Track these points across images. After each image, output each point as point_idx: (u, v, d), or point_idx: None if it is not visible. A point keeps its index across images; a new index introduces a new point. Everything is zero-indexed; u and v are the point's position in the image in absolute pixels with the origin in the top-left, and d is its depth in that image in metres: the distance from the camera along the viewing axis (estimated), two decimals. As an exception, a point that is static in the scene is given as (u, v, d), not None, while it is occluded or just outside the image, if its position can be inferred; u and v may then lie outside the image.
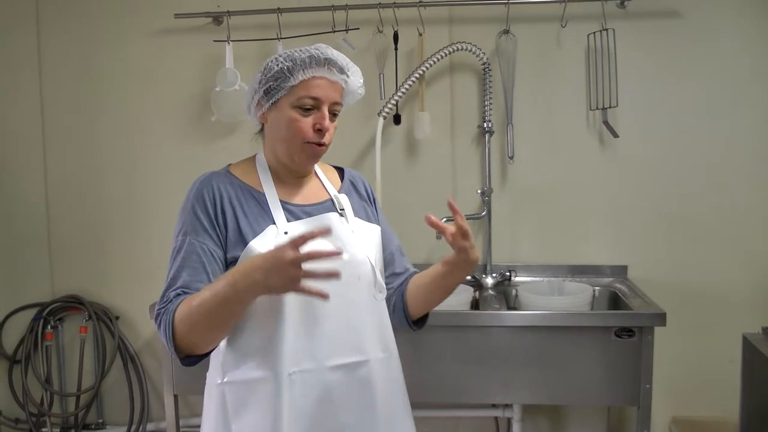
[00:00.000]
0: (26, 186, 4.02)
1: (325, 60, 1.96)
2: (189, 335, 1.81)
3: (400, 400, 2.13)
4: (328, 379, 1.93)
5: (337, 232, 2.00)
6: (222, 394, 1.97)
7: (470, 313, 3.21)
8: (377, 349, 2.04)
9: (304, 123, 1.95)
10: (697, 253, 3.62)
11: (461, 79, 3.70)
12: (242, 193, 2.00)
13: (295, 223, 1.99)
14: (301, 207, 2.05)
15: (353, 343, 1.98)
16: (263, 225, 1.96)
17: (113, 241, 3.99)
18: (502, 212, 3.70)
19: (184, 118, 3.87)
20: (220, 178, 2.02)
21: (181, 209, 1.99)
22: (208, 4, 3.74)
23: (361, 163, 3.74)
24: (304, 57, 1.95)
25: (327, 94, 1.96)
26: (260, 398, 1.90)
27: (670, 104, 3.58)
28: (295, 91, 1.95)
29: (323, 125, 1.95)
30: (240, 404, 1.94)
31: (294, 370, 1.89)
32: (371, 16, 3.58)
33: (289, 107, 1.95)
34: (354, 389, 1.97)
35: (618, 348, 2.95)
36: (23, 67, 3.96)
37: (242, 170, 2.08)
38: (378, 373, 2.02)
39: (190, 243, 1.92)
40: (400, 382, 2.15)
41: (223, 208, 1.96)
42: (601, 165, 3.65)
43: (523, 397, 3.11)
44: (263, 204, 2.00)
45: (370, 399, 2.00)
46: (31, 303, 4.06)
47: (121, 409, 4.04)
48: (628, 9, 3.54)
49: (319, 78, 1.95)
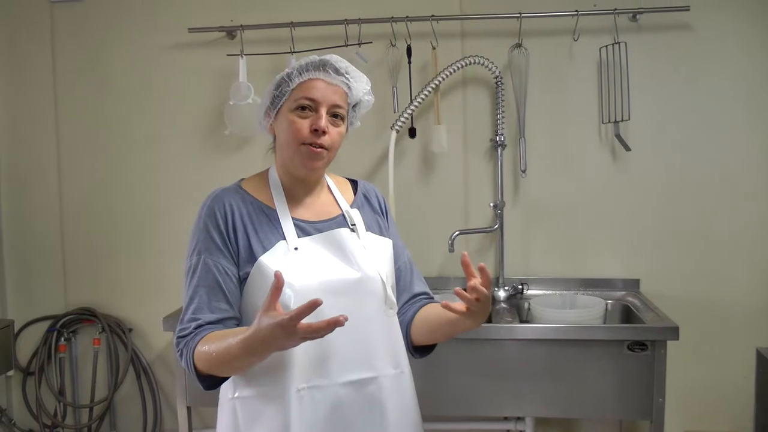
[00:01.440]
0: (40, 199, 4.04)
1: (320, 62, 1.99)
2: (209, 373, 1.86)
3: (411, 416, 2.11)
4: (337, 395, 1.93)
5: (348, 248, 2.01)
6: (234, 409, 1.98)
7: (483, 326, 3.17)
8: (388, 365, 2.03)
9: (301, 124, 1.95)
10: (710, 267, 3.61)
11: (474, 92, 3.71)
12: (253, 210, 2.01)
13: (305, 239, 2.00)
14: (312, 223, 2.05)
15: (363, 359, 1.98)
16: (273, 241, 1.96)
17: (126, 254, 4.01)
18: (514, 225, 3.70)
19: (198, 132, 3.89)
20: (232, 195, 2.02)
21: (194, 228, 2.00)
22: (221, 19, 3.76)
23: (375, 176, 3.75)
24: (302, 62, 1.99)
25: (324, 96, 1.97)
26: (270, 414, 1.91)
27: (682, 117, 3.58)
28: (293, 95, 1.97)
29: (319, 125, 1.94)
30: (251, 419, 1.94)
31: (303, 386, 1.89)
32: (384, 30, 3.60)
33: (288, 111, 1.98)
34: (364, 405, 1.97)
35: (631, 361, 2.94)
36: (38, 82, 3.99)
37: (254, 185, 2.08)
38: (388, 389, 2.02)
39: (205, 262, 1.93)
40: (412, 398, 2.13)
41: (234, 225, 1.96)
42: (614, 178, 3.64)
43: (536, 410, 3.11)
44: (274, 220, 2.01)
45: (380, 415, 1.99)
46: (45, 315, 4.08)
47: (134, 420, 4.06)
48: (640, 22, 3.54)
49: (316, 80, 1.97)
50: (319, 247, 1.99)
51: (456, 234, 3.53)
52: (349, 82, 2.03)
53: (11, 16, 3.97)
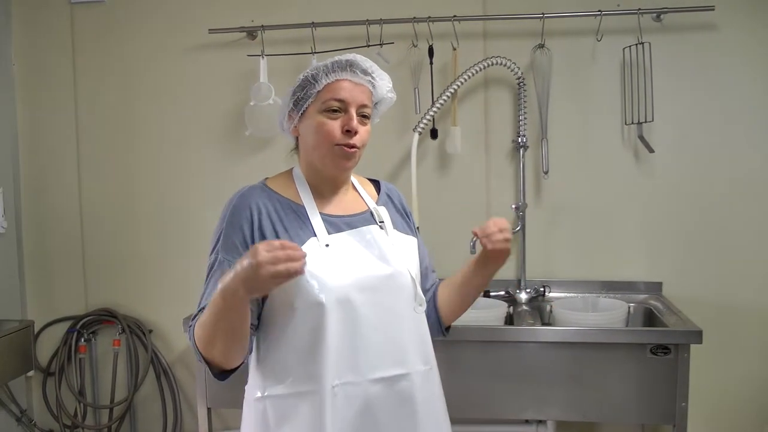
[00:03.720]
0: (61, 201, 4.06)
1: (346, 62, 1.99)
2: (210, 350, 1.83)
3: (440, 413, 2.13)
4: (369, 391, 1.93)
5: (378, 245, 2.02)
6: (263, 408, 1.97)
7: (504, 329, 3.19)
8: (418, 361, 2.03)
9: (332, 125, 1.95)
10: (734, 270, 3.58)
11: (496, 93, 3.69)
12: (281, 207, 2.00)
13: (336, 235, 1.99)
14: (341, 218, 2.05)
15: (395, 355, 1.98)
16: (304, 238, 1.95)
17: (146, 255, 4.02)
18: (536, 227, 3.68)
19: (219, 133, 3.89)
20: (258, 193, 2.02)
21: (218, 224, 2.00)
22: (242, 19, 3.76)
23: (396, 177, 3.74)
24: (327, 62, 1.98)
25: (352, 96, 1.97)
26: (303, 411, 1.90)
27: (706, 118, 3.55)
28: (320, 96, 1.97)
29: (351, 126, 1.95)
30: (281, 418, 1.94)
31: (337, 383, 1.89)
32: (406, 30, 3.59)
33: (317, 113, 1.97)
34: (395, 402, 1.97)
35: (653, 365, 2.92)
36: (59, 85, 4.00)
37: (279, 184, 2.08)
38: (419, 385, 2.02)
39: (221, 261, 1.93)
40: (440, 394, 2.15)
41: (261, 223, 1.95)
42: (636, 180, 3.62)
43: (557, 414, 3.09)
44: (303, 216, 2.00)
45: (411, 412, 2.00)
46: (65, 316, 4.10)
47: (154, 421, 4.07)
48: (664, 22, 3.51)
49: (343, 80, 1.97)
50: (349, 244, 1.99)
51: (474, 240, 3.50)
52: (374, 81, 2.03)
53: (32, 17, 3.99)
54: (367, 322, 1.92)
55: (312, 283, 1.87)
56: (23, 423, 4.06)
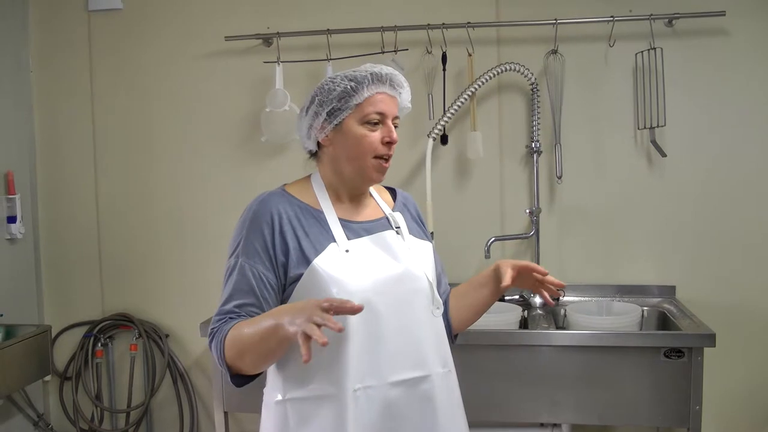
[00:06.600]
0: (78, 206, 4.09)
1: (386, 76, 2.01)
2: (237, 361, 1.86)
3: (459, 415, 2.14)
4: (390, 394, 1.94)
5: (395, 250, 2.04)
6: (283, 411, 1.98)
7: (519, 333, 3.20)
8: (437, 364, 2.05)
9: (374, 138, 1.99)
10: (747, 273, 3.59)
11: (509, 99, 3.71)
12: (301, 212, 2.02)
13: (356, 241, 2.01)
14: (359, 224, 2.07)
15: (415, 358, 1.99)
16: (324, 243, 1.97)
17: (163, 260, 4.04)
18: (550, 232, 3.70)
19: (234, 139, 3.92)
20: (278, 199, 2.03)
21: (237, 228, 2.01)
22: (258, 26, 3.79)
23: (409, 183, 3.76)
24: (366, 75, 1.99)
25: (390, 109, 2.01)
26: (325, 414, 1.92)
27: (718, 123, 3.57)
28: (361, 108, 1.98)
29: (392, 137, 2.00)
30: (302, 421, 1.95)
31: (358, 386, 1.90)
32: (420, 37, 3.61)
33: (357, 124, 1.99)
34: (415, 404, 1.98)
35: (667, 369, 2.93)
36: (76, 92, 4.04)
37: (298, 190, 2.09)
38: (439, 388, 2.03)
39: (242, 265, 1.94)
40: (459, 396, 2.16)
41: (282, 229, 1.97)
42: (650, 184, 3.63)
43: (572, 417, 3.10)
44: (323, 222, 2.02)
45: (432, 414, 2.01)
46: (82, 321, 4.12)
47: (171, 425, 4.08)
48: (676, 28, 3.53)
49: (382, 93, 2.00)
50: (368, 249, 2.01)
51: (492, 240, 3.54)
52: (402, 93, 2.07)
53: (50, 25, 4.03)
54: (387, 326, 1.93)
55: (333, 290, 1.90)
56: (40, 427, 4.08)
